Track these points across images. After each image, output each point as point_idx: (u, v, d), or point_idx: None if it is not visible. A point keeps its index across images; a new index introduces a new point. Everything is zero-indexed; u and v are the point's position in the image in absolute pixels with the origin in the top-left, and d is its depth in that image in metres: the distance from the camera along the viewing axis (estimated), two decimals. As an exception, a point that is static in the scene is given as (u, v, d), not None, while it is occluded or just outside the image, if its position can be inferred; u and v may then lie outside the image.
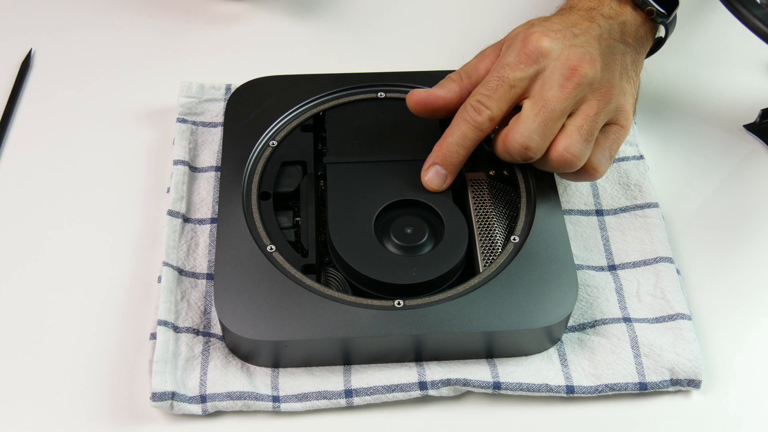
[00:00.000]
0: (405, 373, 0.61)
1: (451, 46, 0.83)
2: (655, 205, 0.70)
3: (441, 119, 0.67)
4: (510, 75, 0.62)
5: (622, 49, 0.66)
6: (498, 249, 0.64)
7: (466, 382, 0.60)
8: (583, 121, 0.62)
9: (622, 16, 0.67)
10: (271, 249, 0.63)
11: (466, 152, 0.64)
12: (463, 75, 0.66)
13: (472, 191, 0.67)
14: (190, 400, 0.59)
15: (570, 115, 0.63)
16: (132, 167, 0.73)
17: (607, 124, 0.64)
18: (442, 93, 0.66)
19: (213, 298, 0.61)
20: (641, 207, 0.70)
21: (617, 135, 0.65)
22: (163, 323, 0.61)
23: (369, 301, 0.60)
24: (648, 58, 0.71)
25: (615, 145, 0.65)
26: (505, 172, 0.68)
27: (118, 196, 0.71)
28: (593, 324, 0.64)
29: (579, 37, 0.64)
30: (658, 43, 0.71)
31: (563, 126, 0.62)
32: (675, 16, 0.70)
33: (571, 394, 0.60)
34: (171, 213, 0.68)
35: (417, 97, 0.66)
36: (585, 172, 0.64)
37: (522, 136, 0.61)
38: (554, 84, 0.62)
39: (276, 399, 0.60)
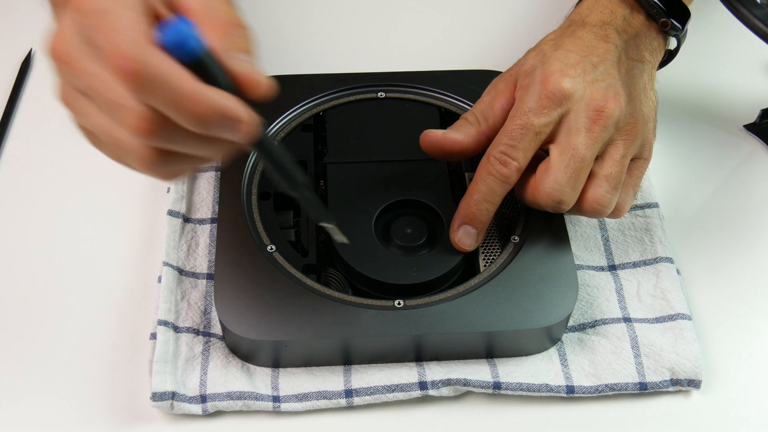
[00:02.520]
0: (405, 373, 0.61)
1: (452, 46, 0.83)
2: (655, 205, 0.70)
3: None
4: (535, 122, 0.59)
5: (640, 68, 0.64)
6: (498, 249, 0.64)
7: (466, 382, 0.60)
8: (611, 168, 0.60)
9: (634, 28, 0.65)
10: (271, 249, 0.63)
11: (495, 207, 0.61)
12: (479, 117, 0.63)
13: (472, 191, 0.67)
14: (190, 400, 0.59)
15: (596, 158, 0.60)
16: (132, 167, 0.73)
17: (631, 160, 0.62)
18: (459, 137, 0.62)
19: (213, 298, 0.61)
20: (641, 207, 0.70)
21: (641, 170, 0.63)
22: (163, 323, 0.61)
23: (369, 301, 0.60)
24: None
25: (638, 180, 0.63)
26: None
27: (118, 196, 0.71)
28: (593, 324, 0.64)
29: (598, 68, 0.61)
30: (669, 56, 0.69)
31: (591, 172, 0.60)
32: (686, 28, 0.68)
33: (571, 394, 0.60)
34: (171, 213, 0.68)
35: (432, 138, 0.63)
36: (610, 214, 0.62)
37: (554, 189, 0.59)
38: (581, 128, 0.59)
39: (276, 399, 0.59)
